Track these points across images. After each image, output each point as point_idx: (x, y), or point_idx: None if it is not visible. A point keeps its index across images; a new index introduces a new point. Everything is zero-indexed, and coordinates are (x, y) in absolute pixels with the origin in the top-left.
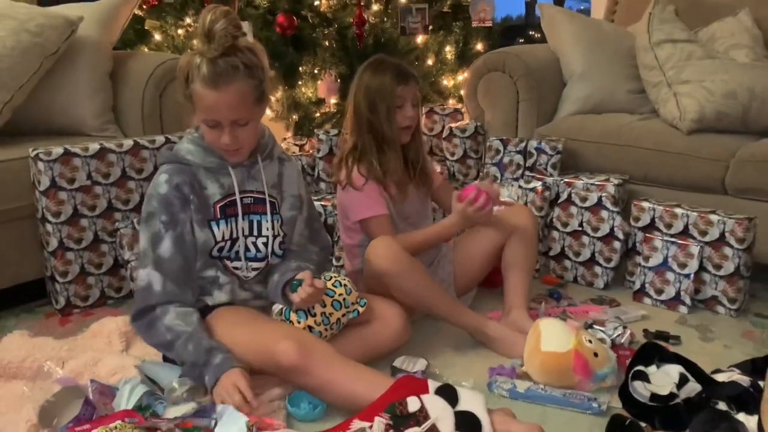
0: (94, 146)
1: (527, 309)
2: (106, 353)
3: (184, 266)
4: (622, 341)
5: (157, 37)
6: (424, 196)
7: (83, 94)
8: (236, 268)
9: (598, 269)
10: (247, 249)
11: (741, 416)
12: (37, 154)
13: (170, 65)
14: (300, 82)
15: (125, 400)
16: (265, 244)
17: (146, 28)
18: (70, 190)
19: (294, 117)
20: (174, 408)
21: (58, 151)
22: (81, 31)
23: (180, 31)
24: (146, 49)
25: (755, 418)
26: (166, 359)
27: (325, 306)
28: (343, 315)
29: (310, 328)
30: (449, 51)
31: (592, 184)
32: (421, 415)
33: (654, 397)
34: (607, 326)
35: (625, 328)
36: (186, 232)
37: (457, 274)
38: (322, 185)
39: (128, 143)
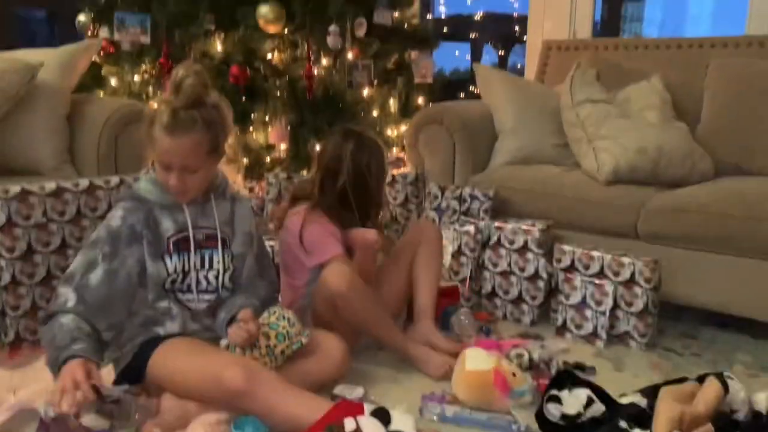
0: (50, 185)
1: (433, 319)
2: None
3: (106, 300)
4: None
5: (114, 82)
6: None
7: (41, 136)
8: (188, 301)
9: (525, 307)
10: (198, 282)
11: (637, 431)
12: None
13: (127, 110)
14: (251, 129)
15: None
16: (216, 277)
17: (103, 74)
18: (26, 227)
19: (245, 161)
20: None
21: (15, 189)
22: (41, 75)
23: (136, 78)
24: (102, 94)
25: None
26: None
27: (269, 339)
28: (287, 347)
29: (255, 360)
30: (393, 104)
31: (519, 228)
32: None
33: (564, 416)
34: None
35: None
36: (122, 268)
37: (385, 301)
38: (271, 226)
39: (84, 183)
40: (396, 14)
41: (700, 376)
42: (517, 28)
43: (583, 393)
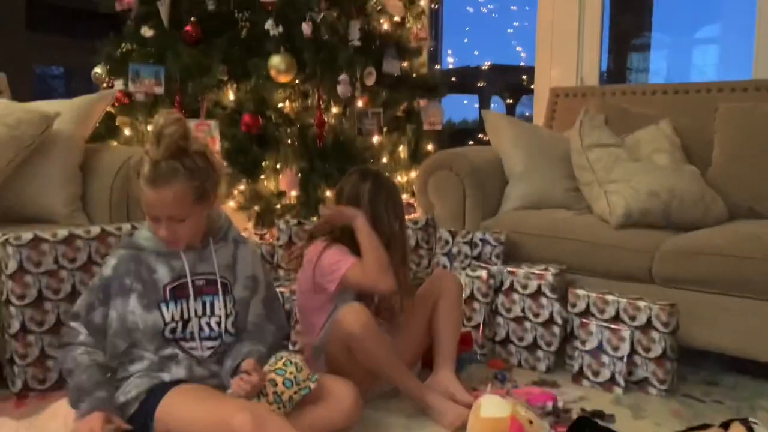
0: (62, 232)
1: (453, 369)
2: None
3: (106, 338)
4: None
5: (127, 132)
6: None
7: (54, 184)
8: (191, 349)
9: (540, 353)
10: (200, 329)
11: None
12: (7, 239)
13: (139, 158)
14: (262, 176)
15: None
16: (218, 323)
17: (117, 123)
18: (36, 274)
19: (256, 208)
20: None
21: (27, 236)
22: (56, 125)
23: (149, 127)
24: (115, 144)
25: None
26: None
27: (276, 385)
28: (295, 392)
29: (263, 407)
30: (402, 150)
31: (532, 273)
32: None
33: None
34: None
35: None
36: (112, 317)
37: (402, 349)
38: (281, 272)
39: (96, 230)
40: (404, 64)
41: (725, 423)
42: (524, 78)
43: None
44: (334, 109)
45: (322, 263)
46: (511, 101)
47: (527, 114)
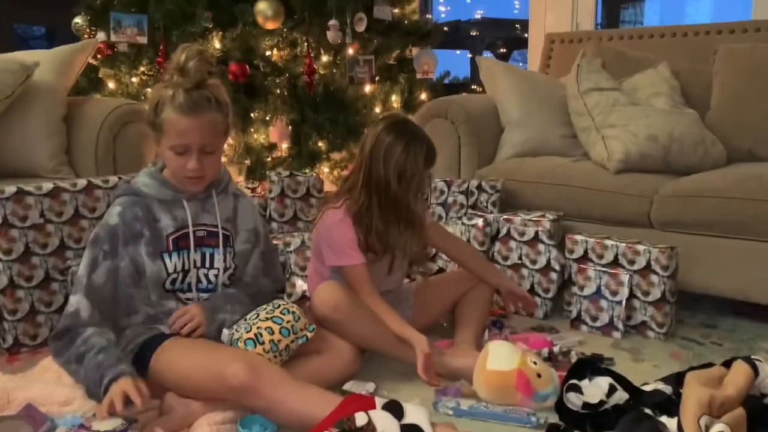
0: (47, 185)
1: (474, 342)
2: (59, 386)
3: (113, 297)
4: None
5: (111, 85)
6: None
7: (38, 137)
8: (188, 299)
9: (537, 300)
10: (198, 280)
11: (663, 419)
12: None
13: (125, 110)
14: (252, 129)
15: None
16: (216, 276)
17: (100, 76)
18: (22, 228)
19: (246, 162)
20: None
21: (11, 189)
22: (37, 76)
23: (134, 79)
24: (99, 96)
25: (675, 420)
26: None
27: (273, 333)
28: (292, 341)
29: (259, 356)
30: (395, 100)
31: (529, 220)
32: (369, 429)
33: (586, 405)
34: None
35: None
36: (122, 267)
37: (414, 318)
38: (274, 225)
39: (82, 183)
40: (396, 10)
41: (727, 361)
42: (517, 27)
43: (604, 381)
44: (324, 58)
45: (333, 236)
46: (504, 50)
47: (520, 65)
